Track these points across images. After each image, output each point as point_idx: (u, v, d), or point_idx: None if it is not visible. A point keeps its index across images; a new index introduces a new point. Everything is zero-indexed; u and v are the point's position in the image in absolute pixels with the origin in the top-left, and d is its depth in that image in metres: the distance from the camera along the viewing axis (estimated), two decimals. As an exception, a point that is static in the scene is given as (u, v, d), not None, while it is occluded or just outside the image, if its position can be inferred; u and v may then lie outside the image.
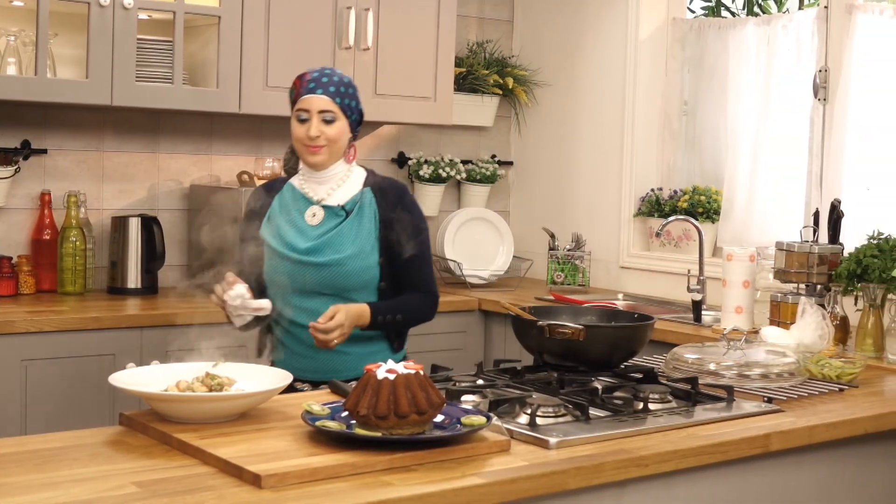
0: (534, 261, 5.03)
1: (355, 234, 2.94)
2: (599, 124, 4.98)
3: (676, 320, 4.00)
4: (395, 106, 4.53)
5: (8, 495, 1.76)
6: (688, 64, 4.84)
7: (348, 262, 2.93)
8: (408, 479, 1.90)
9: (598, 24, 4.98)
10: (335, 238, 2.93)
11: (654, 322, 2.80)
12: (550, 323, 2.66)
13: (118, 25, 3.85)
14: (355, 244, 2.94)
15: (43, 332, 3.53)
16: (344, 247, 2.93)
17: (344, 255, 2.92)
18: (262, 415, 2.26)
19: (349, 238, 2.94)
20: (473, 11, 5.25)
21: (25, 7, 3.91)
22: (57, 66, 4.00)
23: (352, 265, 2.93)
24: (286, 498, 1.79)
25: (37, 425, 3.50)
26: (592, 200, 5.02)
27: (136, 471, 1.93)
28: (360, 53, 4.41)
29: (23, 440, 2.14)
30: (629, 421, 2.33)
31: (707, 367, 2.73)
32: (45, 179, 4.18)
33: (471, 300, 4.47)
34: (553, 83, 5.19)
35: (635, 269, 4.83)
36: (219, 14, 4.08)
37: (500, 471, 1.98)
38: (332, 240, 2.94)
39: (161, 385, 2.30)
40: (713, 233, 4.56)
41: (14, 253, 4.10)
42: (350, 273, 2.93)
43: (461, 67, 5.01)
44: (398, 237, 2.97)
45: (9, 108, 4.06)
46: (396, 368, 2.08)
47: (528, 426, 2.22)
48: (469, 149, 5.28)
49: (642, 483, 2.16)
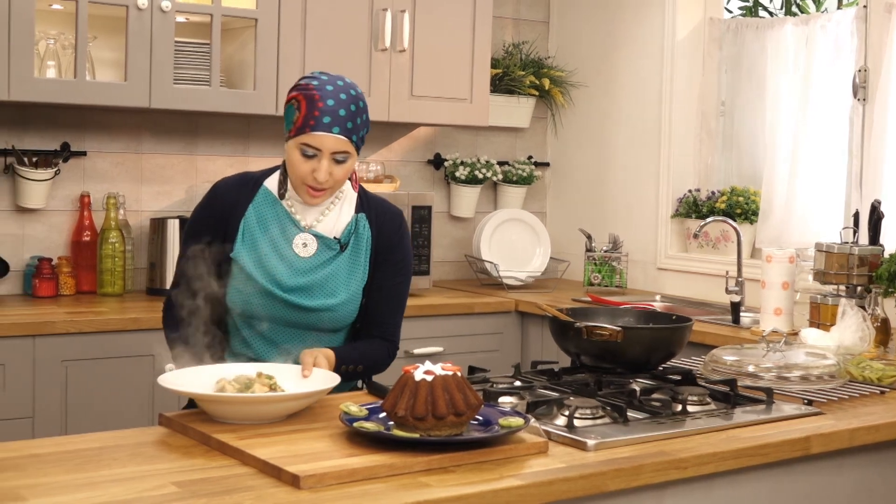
0: (571, 262, 5.01)
1: (349, 275, 2.62)
2: (636, 125, 4.96)
3: (715, 322, 3.98)
4: (431, 107, 4.54)
5: (48, 495, 1.77)
6: (725, 64, 4.81)
7: (339, 308, 2.61)
8: (445, 480, 1.90)
9: (634, 25, 4.96)
10: (329, 280, 2.60)
11: (693, 324, 2.78)
12: (588, 324, 2.65)
13: (156, 28, 3.87)
14: (349, 288, 2.62)
15: (83, 333, 3.56)
16: (337, 290, 2.60)
17: (336, 300, 2.60)
18: (301, 416, 2.27)
19: (343, 280, 2.61)
20: (509, 12, 5.24)
21: (65, 10, 3.95)
22: (96, 69, 4.03)
23: (342, 311, 2.62)
24: (324, 499, 1.79)
25: (77, 425, 3.53)
26: (629, 201, 5.00)
27: (176, 471, 1.94)
28: (396, 55, 4.41)
29: (63, 440, 2.15)
30: (668, 423, 2.32)
31: (746, 369, 2.71)
32: (85, 181, 4.21)
33: (507, 301, 4.46)
34: (589, 84, 5.18)
35: (673, 271, 4.80)
36: (256, 16, 4.10)
37: (538, 472, 1.97)
38: (325, 281, 2.60)
39: (206, 386, 2.31)
40: (751, 234, 4.53)
41: (54, 254, 4.13)
42: (338, 318, 2.62)
43: (497, 69, 5.01)
44: (385, 273, 2.67)
45: (48, 111, 4.10)
46: (434, 370, 2.07)
47: (566, 428, 2.21)
48: (505, 150, 5.27)
49: (682, 485, 2.14)
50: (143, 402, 3.61)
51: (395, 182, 4.55)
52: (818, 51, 4.30)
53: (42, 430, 3.49)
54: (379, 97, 4.39)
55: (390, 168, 4.86)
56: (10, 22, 3.63)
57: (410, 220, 4.41)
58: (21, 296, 4.06)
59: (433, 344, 4.26)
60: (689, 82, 4.81)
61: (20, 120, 4.08)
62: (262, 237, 2.60)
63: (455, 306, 4.34)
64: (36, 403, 3.51)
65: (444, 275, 5.07)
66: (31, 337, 3.50)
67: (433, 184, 5.05)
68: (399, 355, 4.12)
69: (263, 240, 2.60)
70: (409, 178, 4.96)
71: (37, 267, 4.02)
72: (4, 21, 3.62)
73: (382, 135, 4.89)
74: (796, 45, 4.41)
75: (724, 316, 4.09)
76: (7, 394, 3.47)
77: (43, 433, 3.48)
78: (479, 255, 4.83)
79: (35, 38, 3.71)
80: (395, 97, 4.44)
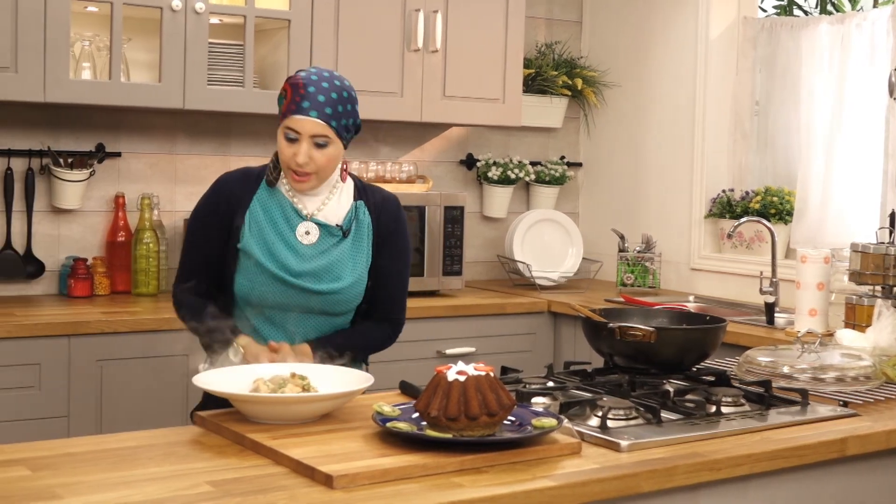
0: (603, 262, 5.00)
1: (354, 259, 2.72)
2: (669, 125, 4.94)
3: (749, 323, 3.96)
4: (463, 108, 4.54)
5: (84, 494, 1.79)
6: (759, 63, 4.78)
7: (346, 292, 2.70)
8: (478, 480, 1.90)
9: (667, 24, 4.94)
10: (335, 265, 2.70)
11: (727, 324, 2.77)
12: (621, 325, 2.64)
13: (190, 30, 3.89)
14: (354, 272, 2.71)
15: (117, 333, 3.58)
16: (343, 274, 2.70)
17: (343, 283, 2.69)
18: (332, 416, 2.27)
19: (348, 265, 2.71)
20: (542, 12, 5.23)
21: (100, 13, 3.97)
22: (130, 71, 4.06)
23: (349, 293, 2.70)
24: (357, 498, 1.80)
25: (112, 425, 3.55)
26: (663, 202, 4.98)
27: (210, 470, 1.94)
28: (429, 55, 4.42)
29: (98, 439, 2.17)
30: (702, 424, 2.31)
31: (781, 371, 2.69)
32: (119, 182, 4.24)
33: (540, 302, 4.46)
34: (622, 84, 5.16)
35: (706, 271, 4.78)
36: (289, 17, 4.12)
37: (572, 473, 1.97)
38: (331, 266, 2.69)
39: (241, 385, 2.31)
40: (786, 234, 4.50)
41: (89, 255, 4.16)
42: (345, 301, 2.71)
43: (530, 69, 5.00)
44: (388, 257, 2.78)
45: (84, 112, 4.13)
46: (467, 370, 2.07)
47: (599, 429, 2.21)
48: (538, 150, 5.27)
49: (716, 487, 2.13)
50: (177, 401, 3.63)
51: (428, 182, 4.55)
52: (853, 50, 4.27)
53: (77, 430, 3.52)
54: (411, 98, 4.40)
55: (423, 168, 4.86)
56: (46, 24, 3.65)
57: (443, 220, 4.41)
58: (56, 296, 4.09)
59: (465, 344, 4.26)
60: (723, 82, 4.79)
61: (56, 121, 4.11)
62: (268, 227, 2.68)
63: (487, 307, 4.34)
64: (71, 403, 3.54)
65: (477, 275, 5.07)
66: (67, 337, 3.53)
67: (465, 184, 5.05)
68: (431, 355, 4.16)
69: (269, 229, 2.68)
70: (442, 178, 4.96)
71: (72, 267, 4.05)
72: (40, 23, 3.65)
73: (415, 135, 4.89)
74: (831, 45, 4.37)
75: (758, 317, 4.06)
76: (43, 393, 3.50)
77: (78, 432, 3.51)
78: (511, 255, 4.83)
79: (70, 39, 3.74)
80: (427, 98, 4.44)
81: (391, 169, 4.51)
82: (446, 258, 4.43)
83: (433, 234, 4.39)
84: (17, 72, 3.63)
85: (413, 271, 4.35)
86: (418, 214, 4.38)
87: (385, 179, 4.47)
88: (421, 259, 4.39)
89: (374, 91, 4.31)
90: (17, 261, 4.01)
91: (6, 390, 3.44)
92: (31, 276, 4.06)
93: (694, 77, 4.81)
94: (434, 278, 4.41)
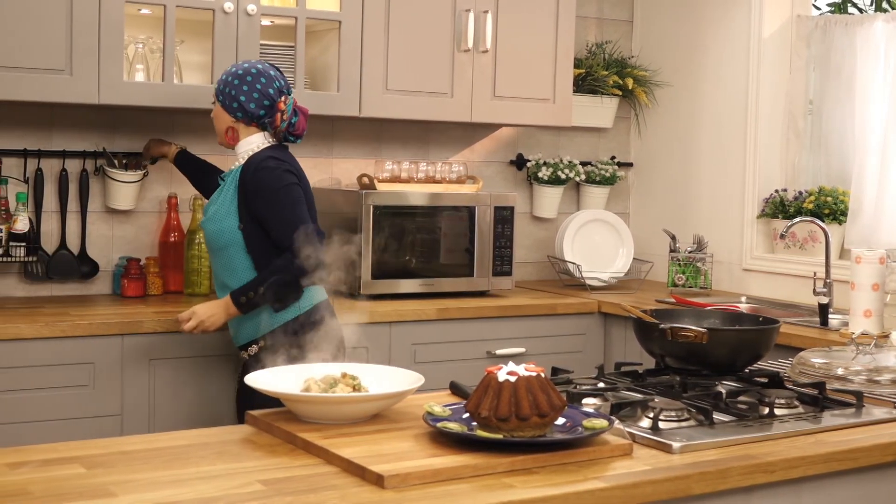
0: (654, 263, 4.97)
1: (218, 200, 3.37)
2: (721, 124, 4.91)
3: (802, 324, 3.92)
4: (513, 108, 4.53)
5: (137, 491, 1.80)
6: (813, 62, 4.73)
7: (206, 225, 3.39)
8: (529, 481, 1.89)
9: (719, 23, 4.91)
10: (208, 205, 3.43)
11: (780, 325, 2.74)
12: (673, 326, 2.63)
13: (242, 31, 3.92)
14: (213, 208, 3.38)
15: (170, 333, 3.61)
16: (207, 211, 3.41)
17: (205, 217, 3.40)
18: (383, 416, 2.28)
19: (212, 204, 3.40)
20: (592, 12, 5.22)
21: (153, 15, 4.01)
22: (183, 72, 4.09)
23: (209, 227, 3.37)
24: (408, 498, 1.80)
25: (164, 423, 3.58)
26: (714, 202, 4.94)
27: (262, 469, 1.96)
28: (479, 56, 4.41)
29: (151, 438, 2.19)
30: (755, 426, 2.29)
31: (835, 372, 2.66)
32: (172, 183, 4.28)
33: (590, 302, 4.44)
34: (674, 83, 5.13)
35: (759, 272, 4.74)
36: (339, 18, 4.13)
37: (623, 475, 1.96)
38: (206, 206, 3.46)
39: (292, 385, 2.33)
40: (840, 234, 4.46)
41: (142, 255, 4.20)
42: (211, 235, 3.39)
43: (580, 69, 4.99)
44: (254, 203, 3.30)
45: (138, 114, 4.17)
46: (517, 370, 2.07)
47: (651, 430, 2.20)
48: (588, 150, 5.25)
49: (769, 489, 2.11)
50: (229, 400, 3.65)
51: (478, 183, 4.55)
52: (909, 47, 4.22)
53: (130, 428, 3.55)
54: (461, 98, 4.40)
55: (472, 169, 4.86)
56: (101, 27, 3.69)
57: (493, 220, 4.40)
58: (110, 296, 4.13)
59: (515, 345, 4.25)
60: (776, 81, 4.74)
61: (110, 123, 4.15)
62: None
63: (537, 307, 4.33)
64: (124, 401, 3.57)
65: (527, 275, 5.06)
66: (120, 336, 3.57)
67: (515, 184, 5.04)
68: (481, 356, 4.16)
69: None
70: (492, 178, 4.96)
71: (125, 267, 4.09)
72: (94, 26, 3.69)
73: (465, 135, 4.89)
74: (887, 42, 4.32)
75: (811, 318, 4.02)
76: (96, 392, 3.53)
77: (131, 430, 3.54)
78: (561, 255, 4.81)
79: (124, 42, 3.78)
80: (477, 98, 4.44)
81: (441, 169, 4.52)
82: (496, 259, 4.42)
83: (483, 235, 4.39)
84: (72, 74, 3.67)
85: (462, 271, 4.38)
86: (468, 215, 4.38)
87: (435, 180, 4.47)
88: (471, 259, 4.39)
89: (425, 91, 4.32)
90: (71, 261, 4.06)
91: (61, 389, 3.49)
92: (86, 276, 4.11)
93: (746, 76, 4.77)
94: (484, 279, 4.41)
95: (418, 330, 4.06)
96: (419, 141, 4.77)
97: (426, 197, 4.31)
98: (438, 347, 4.10)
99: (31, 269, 4.01)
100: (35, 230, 3.96)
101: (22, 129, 4.01)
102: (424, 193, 4.32)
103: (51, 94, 3.66)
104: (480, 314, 4.19)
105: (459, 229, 4.39)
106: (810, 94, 4.76)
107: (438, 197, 4.34)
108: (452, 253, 4.39)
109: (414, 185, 4.41)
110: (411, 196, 4.29)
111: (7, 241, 3.83)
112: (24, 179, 3.98)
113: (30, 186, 4.00)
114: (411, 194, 4.30)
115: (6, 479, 1.85)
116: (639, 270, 4.95)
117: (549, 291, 4.68)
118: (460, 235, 4.39)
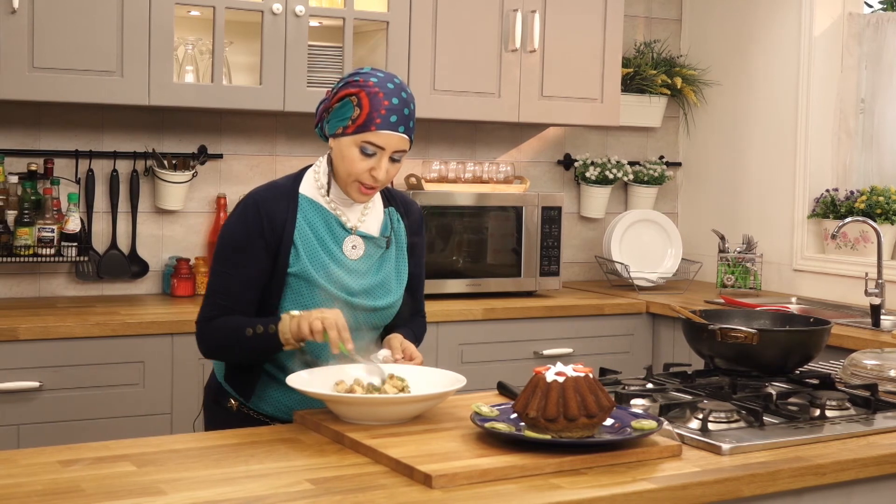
0: (703, 263, 4.94)
1: (398, 270, 2.63)
2: (771, 123, 4.87)
3: (853, 325, 3.87)
4: (561, 107, 4.52)
5: (187, 489, 1.82)
6: (865, 60, 4.68)
7: (395, 305, 2.62)
8: (577, 482, 1.89)
9: (769, 21, 4.86)
10: (386, 280, 2.60)
11: (831, 327, 2.71)
12: (722, 326, 2.61)
13: (290, 33, 3.94)
14: (400, 284, 2.63)
15: (219, 332, 3.63)
16: (393, 288, 2.60)
17: (394, 297, 2.60)
18: (431, 416, 2.28)
19: (395, 277, 2.62)
20: (641, 11, 5.19)
21: (202, 17, 4.04)
22: (232, 74, 4.12)
23: (396, 306, 2.63)
24: (456, 498, 1.80)
25: (213, 422, 3.60)
26: (764, 201, 4.90)
27: (310, 468, 1.96)
28: (527, 56, 4.41)
29: (201, 436, 2.21)
30: (805, 428, 2.27)
31: (887, 374, 2.63)
32: (221, 183, 4.31)
33: (638, 303, 4.42)
34: (723, 82, 5.09)
35: (809, 272, 4.70)
36: (387, 19, 4.14)
37: (672, 476, 1.94)
38: (383, 281, 2.59)
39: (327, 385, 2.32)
40: (892, 234, 4.40)
41: (191, 255, 4.23)
42: (392, 314, 2.63)
43: (628, 68, 4.96)
44: (414, 264, 2.70)
45: (187, 115, 4.20)
46: (566, 371, 2.06)
47: (700, 431, 2.18)
48: (636, 150, 5.22)
49: (819, 492, 2.09)
50: (277, 400, 3.67)
51: (525, 183, 4.54)
52: (963, 45, 4.16)
53: (180, 426, 3.58)
54: (509, 98, 4.39)
55: (520, 169, 4.85)
56: (151, 29, 3.73)
57: (540, 220, 4.40)
58: (160, 295, 4.17)
59: (563, 345, 4.24)
60: (827, 79, 4.70)
61: (160, 124, 4.19)
62: (318, 246, 2.53)
63: (585, 307, 4.32)
64: (174, 400, 3.60)
65: (574, 276, 5.04)
66: (170, 335, 3.59)
67: (563, 184, 5.03)
68: (528, 356, 4.15)
69: (319, 248, 2.53)
70: (539, 178, 4.95)
71: (175, 267, 4.12)
72: (145, 28, 3.72)
73: (512, 135, 4.89)
74: (940, 40, 4.27)
75: (863, 319, 3.98)
76: (147, 390, 3.57)
77: (180, 429, 3.57)
78: (609, 255, 4.79)
79: (174, 44, 3.81)
80: (525, 98, 4.43)
81: (488, 169, 4.51)
82: (543, 259, 4.41)
83: (530, 235, 4.38)
84: (123, 76, 3.71)
85: (510, 271, 4.38)
86: (515, 215, 4.37)
87: (482, 180, 4.47)
88: (518, 259, 4.38)
89: (472, 91, 4.32)
90: (122, 261, 4.10)
91: (112, 387, 3.52)
92: (136, 275, 4.15)
93: (797, 75, 4.73)
94: (531, 279, 4.40)
95: (465, 330, 4.06)
96: (466, 141, 4.77)
97: (473, 197, 4.32)
98: (485, 347, 4.10)
99: (82, 269, 4.05)
100: (86, 230, 4.00)
101: (73, 130, 4.06)
102: (471, 194, 4.32)
103: (102, 96, 3.70)
104: (527, 314, 4.18)
105: (506, 229, 4.39)
106: (862, 92, 4.71)
107: (485, 197, 4.34)
108: (499, 253, 4.39)
109: (461, 185, 4.42)
110: (458, 196, 4.30)
111: (59, 241, 3.88)
112: (75, 180, 4.03)
113: (81, 187, 4.04)
114: (458, 194, 4.30)
115: (58, 477, 1.87)
116: (687, 271, 4.92)
117: (597, 292, 4.66)
118: (507, 235, 4.39)
